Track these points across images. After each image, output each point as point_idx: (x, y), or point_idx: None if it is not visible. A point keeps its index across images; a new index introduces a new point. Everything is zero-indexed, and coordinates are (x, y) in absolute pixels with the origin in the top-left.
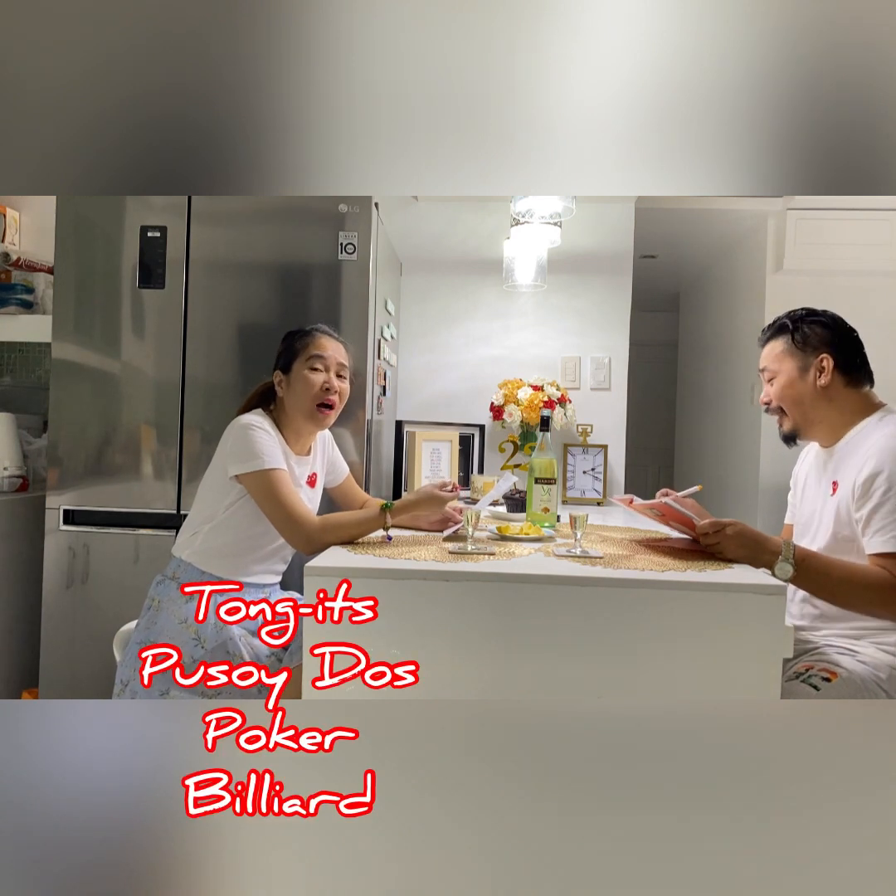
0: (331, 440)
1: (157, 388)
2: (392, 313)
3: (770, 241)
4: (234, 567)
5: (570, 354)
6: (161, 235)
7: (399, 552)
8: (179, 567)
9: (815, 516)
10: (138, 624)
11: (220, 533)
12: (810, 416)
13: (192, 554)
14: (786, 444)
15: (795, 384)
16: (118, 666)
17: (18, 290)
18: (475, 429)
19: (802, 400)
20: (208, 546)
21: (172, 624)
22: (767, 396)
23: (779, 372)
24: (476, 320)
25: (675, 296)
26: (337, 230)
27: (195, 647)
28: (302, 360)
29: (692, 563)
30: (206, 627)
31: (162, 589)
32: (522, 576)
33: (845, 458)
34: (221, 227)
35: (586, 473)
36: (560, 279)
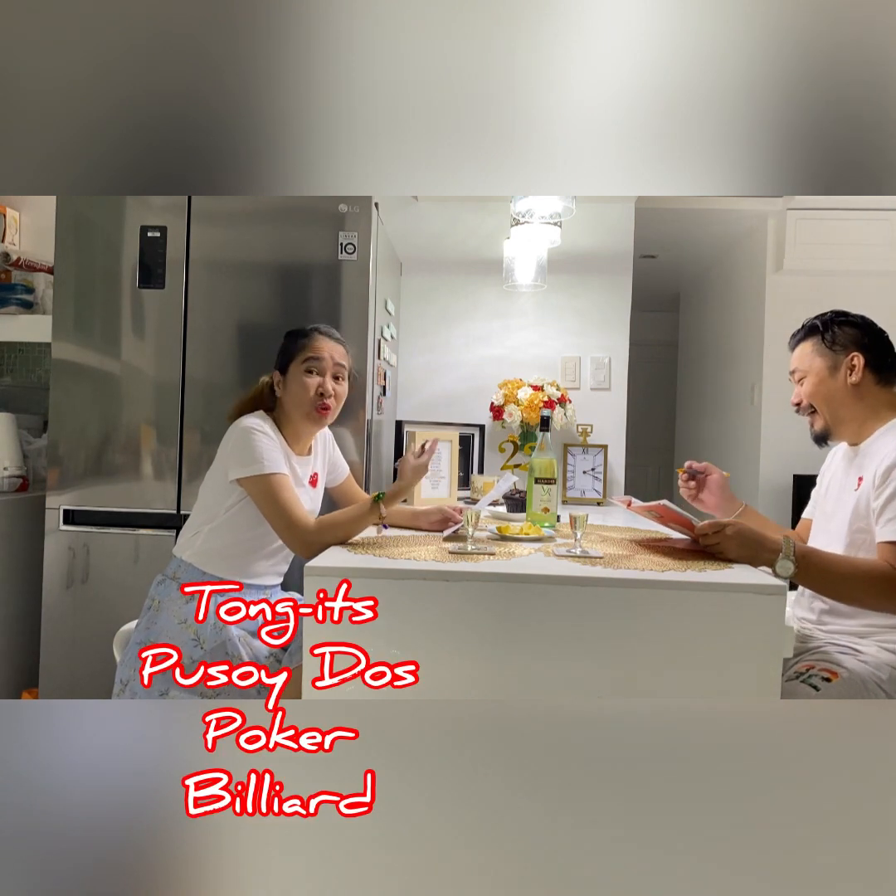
0: (331, 440)
1: (157, 388)
2: (392, 313)
3: (770, 241)
4: (236, 568)
5: (570, 354)
6: (161, 235)
7: (399, 552)
8: (180, 567)
9: (837, 510)
10: (138, 624)
11: (222, 534)
12: (841, 414)
13: (192, 555)
14: (817, 444)
15: (826, 382)
16: (118, 666)
17: (18, 290)
18: (475, 429)
19: (833, 398)
20: (209, 547)
21: (172, 624)
22: (798, 397)
23: (809, 372)
24: (476, 320)
25: (675, 296)
26: (337, 230)
27: (194, 647)
28: (298, 363)
29: (692, 563)
30: (205, 628)
31: (162, 589)
32: (522, 576)
33: (871, 454)
34: (221, 227)
35: (586, 473)
36: (560, 279)
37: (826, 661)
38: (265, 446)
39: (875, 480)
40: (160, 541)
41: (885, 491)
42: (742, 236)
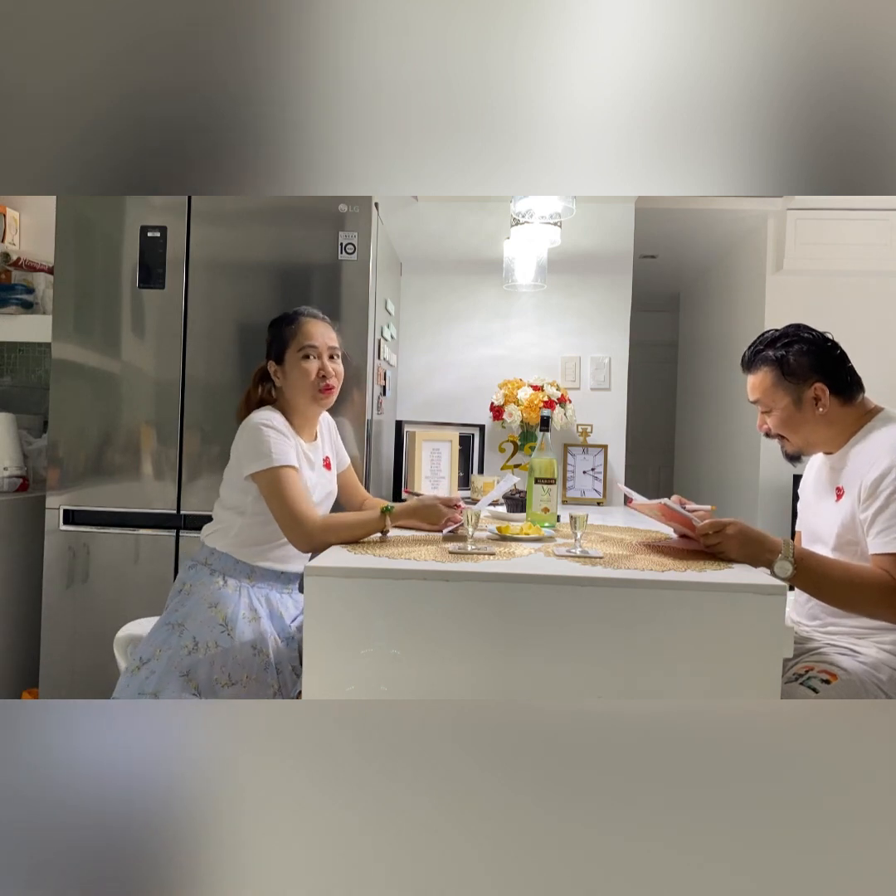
0: (334, 426)
1: (157, 388)
2: (392, 313)
3: (770, 241)
4: (271, 557)
5: (570, 354)
6: (161, 235)
7: (399, 552)
8: (213, 555)
9: (819, 522)
10: (168, 606)
11: (255, 525)
12: (812, 439)
13: (227, 545)
14: (790, 462)
15: (794, 416)
16: (142, 643)
17: (18, 290)
18: (475, 429)
19: (803, 427)
20: (244, 538)
21: (202, 608)
22: (766, 425)
23: (773, 407)
24: (476, 320)
25: (675, 296)
26: (337, 230)
27: (221, 633)
28: (293, 350)
29: (692, 563)
30: (235, 617)
31: (193, 573)
32: (522, 576)
33: (849, 464)
34: (221, 227)
35: (586, 473)
36: (560, 279)
37: (825, 662)
38: (274, 440)
39: (860, 494)
40: (160, 541)
41: (873, 504)
42: (742, 236)
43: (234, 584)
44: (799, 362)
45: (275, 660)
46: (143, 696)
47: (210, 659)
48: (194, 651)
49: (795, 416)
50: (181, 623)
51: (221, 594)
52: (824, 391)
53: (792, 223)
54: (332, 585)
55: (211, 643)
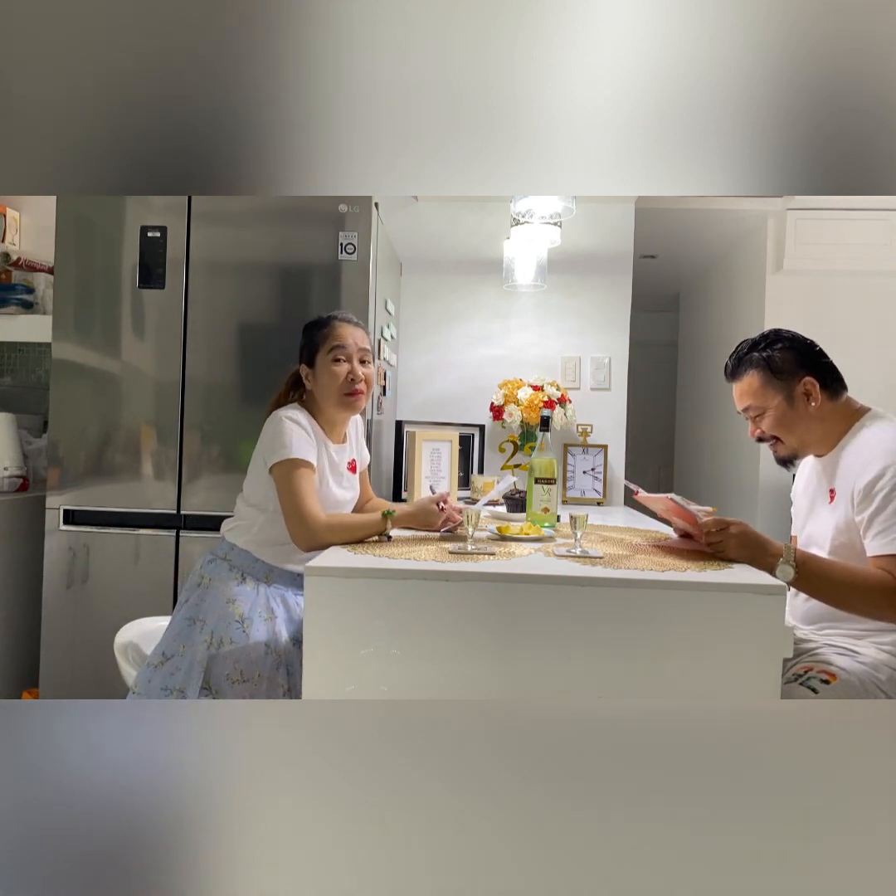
0: (362, 427)
1: (157, 388)
2: (392, 313)
3: (770, 241)
4: (289, 558)
5: (570, 354)
6: (161, 235)
7: (399, 552)
8: (233, 550)
9: (814, 526)
10: (187, 600)
11: (276, 522)
12: (806, 438)
13: (247, 542)
14: (783, 467)
15: (787, 414)
16: (162, 638)
17: (18, 290)
18: (475, 429)
19: (797, 426)
20: (265, 536)
21: (220, 603)
22: (758, 430)
23: (766, 408)
24: (476, 320)
25: (675, 296)
26: (337, 230)
27: (237, 629)
28: (324, 353)
29: (692, 563)
30: (252, 615)
31: (213, 568)
32: (522, 576)
33: (841, 465)
34: (221, 227)
35: (586, 473)
36: (560, 279)
37: (824, 662)
38: (293, 433)
39: (854, 497)
40: (160, 541)
41: (868, 507)
42: (742, 236)
43: (253, 582)
44: (785, 359)
45: (286, 660)
46: (168, 692)
47: (224, 655)
48: (212, 646)
49: (789, 414)
50: (202, 619)
51: (240, 590)
52: (814, 385)
53: (792, 223)
54: (332, 585)
55: (226, 639)
